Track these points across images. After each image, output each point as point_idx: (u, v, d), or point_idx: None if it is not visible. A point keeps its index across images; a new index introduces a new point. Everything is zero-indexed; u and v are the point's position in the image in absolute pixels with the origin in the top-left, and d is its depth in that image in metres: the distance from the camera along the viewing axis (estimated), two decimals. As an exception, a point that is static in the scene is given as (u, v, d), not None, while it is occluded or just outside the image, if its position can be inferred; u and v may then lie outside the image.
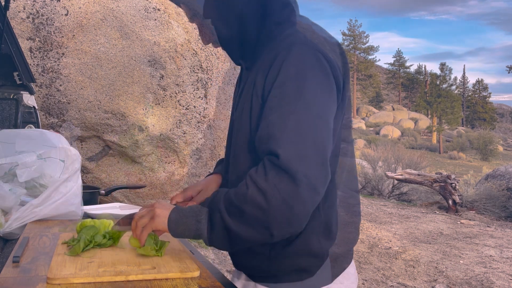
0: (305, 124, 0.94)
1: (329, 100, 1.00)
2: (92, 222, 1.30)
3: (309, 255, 1.07)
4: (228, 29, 1.13)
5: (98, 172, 4.82)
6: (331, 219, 1.09)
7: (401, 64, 69.41)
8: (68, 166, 1.67)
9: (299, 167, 0.89)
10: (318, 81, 0.98)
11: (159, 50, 4.68)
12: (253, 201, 0.92)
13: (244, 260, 1.16)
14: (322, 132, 0.95)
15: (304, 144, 0.92)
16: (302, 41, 1.02)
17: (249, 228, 0.94)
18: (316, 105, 0.96)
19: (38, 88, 4.38)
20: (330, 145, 0.97)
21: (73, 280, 0.99)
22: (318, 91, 0.98)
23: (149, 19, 4.72)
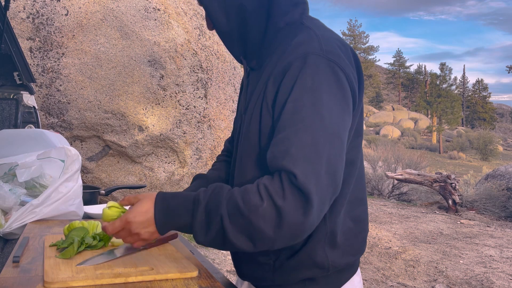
0: (320, 141, 0.91)
1: (345, 114, 0.97)
2: (81, 224, 1.29)
3: (314, 266, 1.05)
4: (226, 22, 1.08)
5: (98, 172, 4.82)
6: (336, 229, 1.06)
7: (401, 64, 69.42)
8: (68, 166, 1.67)
9: (314, 188, 0.87)
10: (333, 95, 0.95)
11: (159, 50, 4.68)
12: (266, 216, 0.88)
13: (248, 270, 1.14)
14: (336, 149, 0.93)
15: (319, 163, 0.89)
16: (317, 52, 0.97)
17: (249, 240, 0.91)
18: (332, 121, 0.93)
19: (38, 88, 4.38)
20: (342, 162, 0.95)
21: (72, 283, 0.98)
22: (334, 106, 0.94)
23: (149, 19, 4.72)
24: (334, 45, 1.01)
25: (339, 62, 0.98)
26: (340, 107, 0.96)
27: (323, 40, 1.00)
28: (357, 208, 1.13)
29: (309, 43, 0.99)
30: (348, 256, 1.09)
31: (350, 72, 1.00)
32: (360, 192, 1.14)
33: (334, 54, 0.98)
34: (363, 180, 1.16)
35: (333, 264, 1.06)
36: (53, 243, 1.24)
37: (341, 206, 1.06)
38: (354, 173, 1.09)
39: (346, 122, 0.98)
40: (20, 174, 1.75)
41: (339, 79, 0.96)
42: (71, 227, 1.28)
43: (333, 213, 1.04)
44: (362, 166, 1.15)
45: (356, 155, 1.09)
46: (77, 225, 1.28)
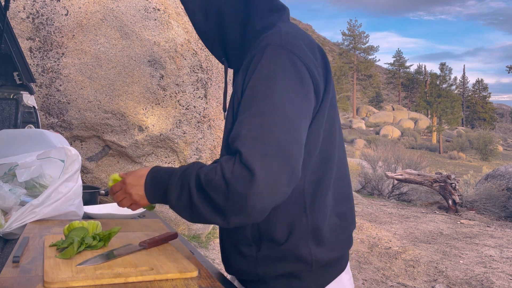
0: (270, 124, 0.95)
1: (302, 102, 0.99)
2: (80, 224, 1.29)
3: (297, 260, 1.07)
4: (204, 22, 1.16)
5: (98, 172, 4.82)
6: (320, 224, 1.07)
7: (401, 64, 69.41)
8: (68, 166, 1.67)
9: (259, 165, 0.91)
10: (289, 82, 0.98)
11: (159, 50, 4.68)
12: (216, 188, 0.95)
13: (234, 262, 1.15)
14: (289, 133, 0.95)
15: (267, 144, 0.93)
16: (277, 43, 1.02)
17: (210, 209, 0.98)
18: (285, 107, 0.96)
19: (38, 88, 4.37)
20: (298, 147, 0.97)
21: (72, 283, 0.98)
22: (289, 93, 0.97)
23: (149, 19, 4.72)
24: (298, 39, 1.05)
25: (299, 53, 1.01)
26: (297, 95, 0.98)
27: (285, 34, 1.04)
28: (342, 205, 1.15)
29: (271, 36, 1.05)
30: (333, 252, 1.11)
31: (312, 65, 1.03)
32: (345, 189, 1.16)
33: (293, 45, 1.02)
34: (347, 178, 1.18)
35: (317, 259, 1.07)
36: (53, 243, 1.24)
37: (322, 202, 1.08)
38: (331, 170, 1.11)
39: (304, 109, 0.99)
40: (20, 174, 1.75)
41: (296, 68, 0.99)
42: (71, 227, 1.27)
43: (314, 208, 1.07)
44: (343, 164, 1.17)
45: (331, 152, 1.11)
46: (77, 225, 1.28)
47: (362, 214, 7.76)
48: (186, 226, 5.10)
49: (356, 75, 60.13)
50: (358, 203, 8.94)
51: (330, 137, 1.11)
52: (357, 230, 6.45)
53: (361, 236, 6.18)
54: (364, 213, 7.92)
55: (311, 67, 1.02)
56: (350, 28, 62.10)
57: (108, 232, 1.27)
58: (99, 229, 1.31)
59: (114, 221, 1.66)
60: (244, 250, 1.10)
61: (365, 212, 7.97)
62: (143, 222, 1.66)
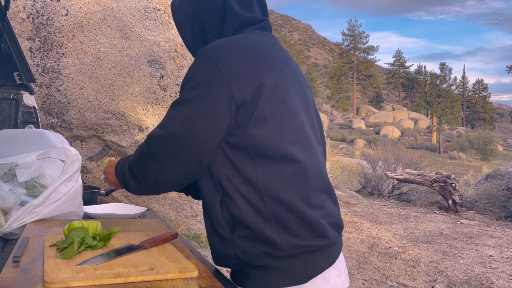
0: (172, 118, 1.11)
1: (209, 102, 1.08)
2: (80, 224, 1.29)
3: (267, 241, 1.12)
4: (191, 37, 1.30)
5: (98, 172, 4.82)
6: (278, 212, 1.12)
7: (401, 64, 69.41)
8: (68, 166, 1.67)
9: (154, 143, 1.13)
10: (200, 84, 1.09)
11: (159, 50, 4.68)
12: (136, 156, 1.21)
13: (216, 246, 1.20)
14: (186, 130, 1.08)
15: (164, 131, 1.11)
16: (203, 50, 1.13)
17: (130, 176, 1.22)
18: (190, 106, 1.09)
19: (38, 88, 4.38)
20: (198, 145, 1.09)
21: (72, 283, 0.98)
22: (197, 93, 1.09)
23: (149, 19, 4.72)
24: (226, 48, 1.13)
25: (217, 60, 1.10)
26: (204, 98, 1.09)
27: (220, 43, 1.15)
28: (316, 196, 1.17)
29: (204, 47, 1.16)
30: (304, 240, 1.13)
31: (232, 74, 1.09)
32: (320, 181, 1.20)
33: (215, 54, 1.11)
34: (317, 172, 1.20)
35: (287, 244, 1.11)
36: (53, 243, 1.24)
37: (277, 189, 1.12)
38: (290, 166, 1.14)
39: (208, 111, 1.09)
40: (20, 174, 1.75)
41: (211, 74, 1.09)
42: (71, 227, 1.27)
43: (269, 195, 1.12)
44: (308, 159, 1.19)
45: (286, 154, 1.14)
46: (77, 225, 1.28)
47: (362, 214, 7.76)
48: (186, 226, 5.10)
49: (356, 75, 60.13)
50: (358, 203, 8.94)
51: (288, 134, 1.14)
52: (357, 230, 6.46)
53: (361, 236, 6.18)
54: (364, 213, 7.93)
55: (228, 74, 1.09)
56: (350, 28, 62.08)
57: (108, 232, 1.27)
58: (99, 229, 1.31)
59: (114, 221, 1.66)
60: (222, 233, 1.16)
61: (365, 212, 7.98)
62: (143, 222, 1.66)
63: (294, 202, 1.13)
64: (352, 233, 6.28)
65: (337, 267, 1.20)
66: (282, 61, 1.21)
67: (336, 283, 1.19)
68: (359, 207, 8.48)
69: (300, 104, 1.21)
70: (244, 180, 1.12)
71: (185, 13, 1.28)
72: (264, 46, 1.19)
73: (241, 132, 1.11)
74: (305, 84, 1.30)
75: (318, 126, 1.31)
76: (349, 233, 6.31)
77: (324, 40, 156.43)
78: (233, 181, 1.13)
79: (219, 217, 1.16)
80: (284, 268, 1.13)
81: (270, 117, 1.11)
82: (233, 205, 1.13)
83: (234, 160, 1.12)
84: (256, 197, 1.12)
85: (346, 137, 38.78)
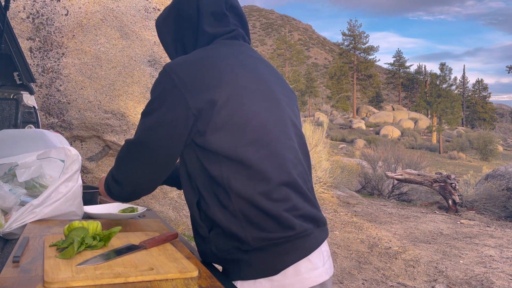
0: (139, 127, 1.25)
1: (167, 112, 1.20)
2: (80, 224, 1.29)
3: (234, 237, 1.20)
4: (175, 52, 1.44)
5: (98, 172, 4.82)
6: (244, 208, 1.19)
7: (401, 64, 69.43)
8: (68, 166, 1.67)
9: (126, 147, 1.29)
10: (158, 95, 1.22)
11: (159, 50, 4.69)
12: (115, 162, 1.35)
13: (197, 243, 1.31)
14: (149, 137, 1.23)
15: (134, 139, 1.26)
16: (165, 66, 1.25)
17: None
18: (151, 116, 1.22)
19: (38, 88, 4.38)
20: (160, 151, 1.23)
21: (72, 283, 0.98)
22: (156, 105, 1.22)
23: (149, 19, 4.72)
24: (184, 61, 1.25)
25: (172, 74, 1.21)
26: (163, 109, 1.21)
27: (178, 59, 1.27)
28: (278, 191, 1.22)
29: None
30: (268, 232, 1.19)
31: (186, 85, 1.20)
32: (282, 176, 1.24)
33: (172, 68, 1.23)
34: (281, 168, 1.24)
35: (253, 238, 1.18)
36: (53, 243, 1.24)
37: (239, 186, 1.19)
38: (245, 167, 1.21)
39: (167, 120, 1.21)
40: (20, 174, 1.75)
41: (167, 86, 1.21)
42: (71, 227, 1.27)
43: (233, 192, 1.20)
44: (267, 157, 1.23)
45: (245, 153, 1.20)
46: (77, 225, 1.28)
47: (362, 214, 7.77)
48: (186, 226, 5.10)
49: (356, 75, 60.12)
50: (358, 203, 8.94)
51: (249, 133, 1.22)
52: (357, 230, 6.46)
53: (361, 236, 6.18)
54: (364, 213, 7.93)
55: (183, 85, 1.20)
56: (350, 28, 62.08)
57: (108, 232, 1.27)
58: (99, 229, 1.31)
59: (114, 221, 1.66)
60: (201, 232, 1.27)
61: (365, 212, 7.98)
62: (143, 222, 1.66)
63: (255, 198, 1.20)
64: (352, 233, 6.28)
65: (313, 260, 1.23)
66: (244, 69, 1.28)
67: (310, 275, 1.22)
68: (359, 207, 8.48)
69: (264, 105, 1.27)
70: (214, 181, 1.22)
71: (167, 30, 1.44)
72: (224, 59, 1.28)
73: (203, 139, 1.21)
74: (274, 84, 1.35)
75: (296, 122, 1.38)
76: (349, 233, 6.31)
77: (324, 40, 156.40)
78: (206, 183, 1.23)
79: (197, 217, 1.27)
80: (253, 261, 1.19)
81: (222, 126, 1.20)
82: (207, 206, 1.23)
83: (204, 163, 1.23)
84: (225, 196, 1.20)
85: (346, 137, 38.79)
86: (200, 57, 1.28)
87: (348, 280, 4.61)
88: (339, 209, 7.94)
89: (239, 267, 1.20)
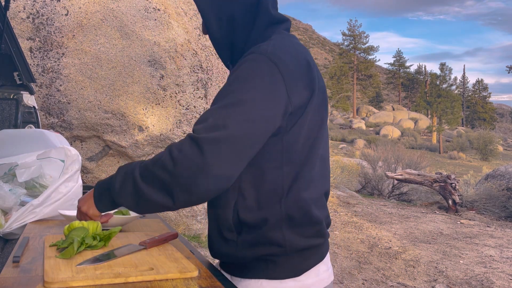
0: (231, 119, 1.02)
1: (267, 107, 1.06)
2: (81, 224, 1.29)
3: (271, 244, 1.15)
4: (218, 29, 1.23)
5: (98, 172, 4.82)
6: (294, 214, 1.16)
7: (401, 64, 69.42)
8: (68, 166, 1.67)
9: (208, 148, 1.00)
10: (261, 86, 1.05)
11: (159, 50, 4.68)
12: (163, 165, 1.03)
13: (218, 246, 1.23)
14: (245, 130, 1.03)
15: (222, 133, 1.01)
16: (261, 52, 1.09)
17: (155, 188, 1.05)
18: (252, 109, 1.04)
19: (38, 88, 4.38)
20: (251, 147, 1.05)
21: (72, 283, 0.98)
22: (259, 98, 1.05)
23: (149, 19, 4.72)
24: (285, 53, 1.12)
25: (279, 64, 1.08)
26: (263, 99, 1.06)
27: (273, 46, 1.12)
28: (321, 198, 1.24)
29: (259, 46, 1.13)
30: (307, 239, 1.19)
31: (291, 78, 1.09)
32: (324, 185, 1.25)
33: (275, 56, 1.09)
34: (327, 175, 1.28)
35: (290, 244, 1.16)
36: (53, 243, 1.24)
37: (298, 195, 1.16)
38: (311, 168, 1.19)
39: (266, 112, 1.06)
40: (20, 174, 1.75)
41: (273, 77, 1.06)
42: (71, 227, 1.27)
43: (289, 200, 1.15)
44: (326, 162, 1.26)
45: (314, 153, 1.19)
46: (77, 225, 1.28)
47: (362, 214, 7.76)
48: (186, 226, 5.10)
49: (356, 75, 60.12)
50: (358, 203, 8.94)
51: (314, 140, 1.19)
52: (357, 230, 6.46)
53: (361, 236, 6.18)
54: (364, 213, 7.93)
55: (288, 79, 1.09)
56: (350, 28, 62.08)
57: (108, 232, 1.27)
58: (99, 229, 1.31)
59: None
60: (227, 235, 1.19)
61: (365, 212, 7.98)
62: (143, 222, 1.66)
63: (308, 204, 1.17)
64: (352, 233, 6.28)
65: (326, 262, 1.27)
66: (317, 72, 1.22)
67: (324, 276, 1.25)
68: (359, 207, 8.48)
69: (326, 110, 1.25)
70: (265, 183, 1.14)
71: (211, 3, 1.23)
72: (310, 58, 1.21)
73: (280, 137, 1.11)
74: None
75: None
76: (349, 233, 6.31)
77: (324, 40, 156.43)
78: (254, 184, 1.14)
79: (228, 220, 1.17)
80: (282, 263, 1.18)
81: (303, 127, 1.14)
82: (245, 208, 1.15)
83: (261, 163, 1.12)
84: (274, 199, 1.14)
85: (346, 137, 38.78)
86: (294, 47, 1.18)
87: (348, 280, 4.61)
88: (339, 209, 7.95)
89: (267, 267, 1.18)
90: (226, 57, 1.28)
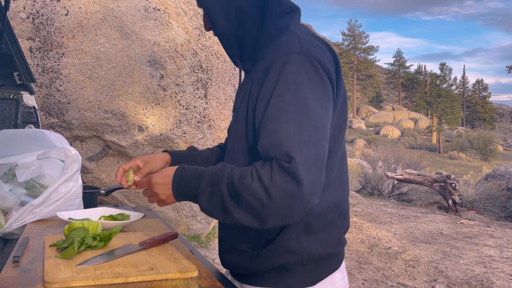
0: (307, 133, 0.98)
1: (327, 108, 1.04)
2: (81, 224, 1.29)
3: (288, 253, 1.11)
4: (225, 25, 1.17)
5: (98, 172, 4.82)
6: (311, 220, 1.11)
7: (401, 64, 69.39)
8: (68, 166, 1.67)
9: (304, 173, 0.95)
10: (315, 89, 1.02)
11: (159, 50, 4.68)
12: (255, 194, 0.97)
13: (230, 257, 1.20)
14: (321, 141, 1.00)
15: (308, 152, 0.97)
16: (298, 50, 1.05)
17: (245, 213, 0.99)
18: (315, 113, 1.00)
19: (38, 88, 4.38)
20: (326, 153, 1.02)
21: (72, 283, 0.98)
22: (316, 100, 1.02)
23: (149, 19, 4.72)
24: (314, 44, 1.09)
25: (319, 59, 1.05)
26: (322, 100, 1.03)
27: (303, 40, 1.08)
28: (341, 203, 1.18)
29: (290, 43, 1.08)
30: (324, 248, 1.14)
31: (329, 66, 1.07)
32: (345, 187, 1.21)
33: (314, 52, 1.06)
34: (347, 176, 1.22)
35: (308, 252, 1.11)
36: (53, 243, 1.24)
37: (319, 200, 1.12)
38: (333, 169, 1.15)
39: (328, 114, 1.05)
40: (20, 174, 1.75)
41: (319, 74, 1.04)
42: (71, 227, 1.27)
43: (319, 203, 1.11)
44: (345, 161, 1.21)
45: (337, 150, 1.15)
46: (77, 225, 1.28)
47: (362, 214, 7.76)
48: (186, 226, 5.10)
49: (356, 75, 60.12)
50: (358, 203, 8.93)
51: (338, 134, 1.15)
52: (357, 230, 6.45)
53: (361, 236, 6.18)
54: (364, 213, 7.92)
55: (329, 71, 1.07)
56: (350, 28, 62.07)
57: (108, 232, 1.27)
58: (99, 229, 1.31)
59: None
60: (241, 247, 1.15)
61: (365, 212, 7.97)
62: (143, 222, 1.66)
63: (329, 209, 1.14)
64: (352, 233, 6.27)
65: (342, 270, 1.23)
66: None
67: (340, 285, 1.20)
68: (359, 207, 8.48)
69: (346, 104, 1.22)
70: None
71: None
72: (326, 44, 1.17)
73: None
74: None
75: None
76: (349, 233, 6.31)
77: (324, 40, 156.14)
78: None
79: (245, 234, 1.14)
80: (298, 272, 1.13)
81: (336, 121, 1.12)
82: None
83: None
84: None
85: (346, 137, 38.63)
86: (321, 43, 1.13)
87: (348, 280, 4.61)
88: (339, 209, 7.94)
89: (281, 276, 1.14)
90: (234, 54, 1.22)
